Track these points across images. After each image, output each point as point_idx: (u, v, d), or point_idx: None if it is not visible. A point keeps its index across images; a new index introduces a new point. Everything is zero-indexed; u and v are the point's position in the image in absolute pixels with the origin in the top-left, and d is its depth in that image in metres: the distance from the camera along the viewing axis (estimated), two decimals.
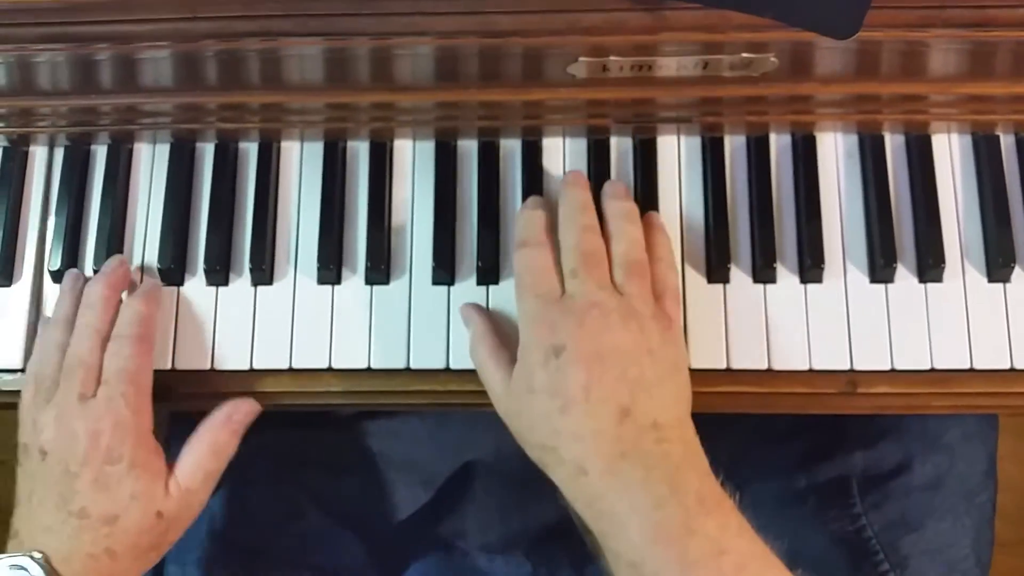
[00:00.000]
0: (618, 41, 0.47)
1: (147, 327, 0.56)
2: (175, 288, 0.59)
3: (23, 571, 0.50)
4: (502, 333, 0.56)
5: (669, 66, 0.51)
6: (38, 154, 0.62)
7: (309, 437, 0.72)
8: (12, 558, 0.51)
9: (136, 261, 0.60)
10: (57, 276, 0.60)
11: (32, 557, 0.51)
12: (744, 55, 0.49)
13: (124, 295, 0.58)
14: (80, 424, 0.53)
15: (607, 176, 0.59)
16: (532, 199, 0.58)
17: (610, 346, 0.50)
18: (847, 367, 0.56)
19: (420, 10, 0.45)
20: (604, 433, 0.49)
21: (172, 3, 0.44)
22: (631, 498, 0.48)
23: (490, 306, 0.58)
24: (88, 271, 0.60)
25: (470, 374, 0.58)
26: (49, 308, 0.60)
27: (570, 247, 0.53)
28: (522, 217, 0.56)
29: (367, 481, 0.73)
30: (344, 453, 0.73)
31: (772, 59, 0.50)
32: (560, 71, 0.52)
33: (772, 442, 0.68)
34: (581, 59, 0.49)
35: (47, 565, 0.51)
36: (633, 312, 0.51)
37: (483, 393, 0.58)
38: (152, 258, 0.60)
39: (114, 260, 0.58)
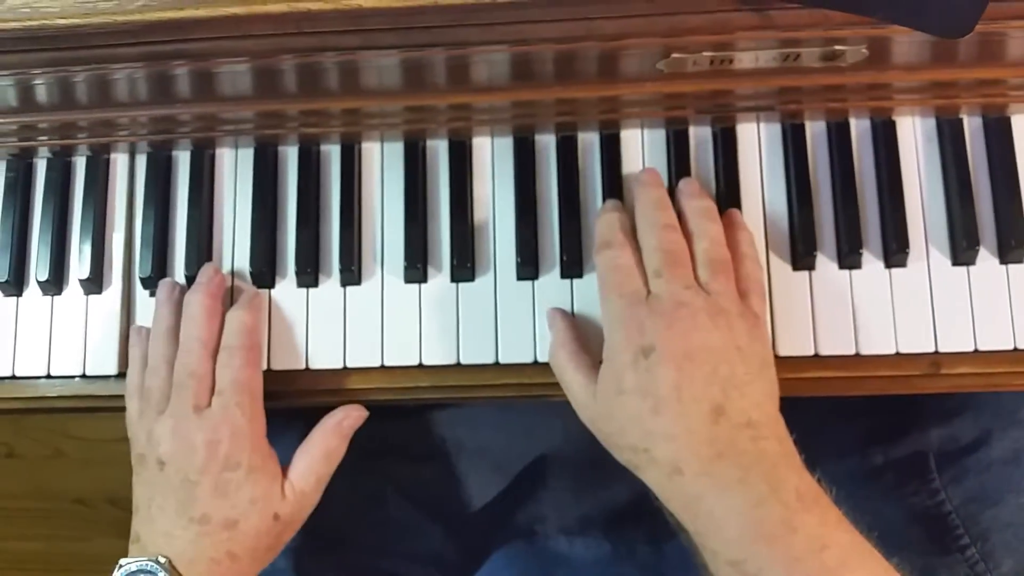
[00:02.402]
0: (718, 39, 0.47)
1: (254, 336, 0.57)
2: (266, 291, 0.60)
3: (150, 575, 0.52)
4: (584, 336, 0.57)
5: (758, 58, 0.51)
6: (119, 162, 0.63)
7: (386, 427, 0.73)
8: (139, 562, 0.53)
9: (225, 265, 0.61)
10: (147, 283, 0.61)
11: (158, 562, 0.53)
12: (837, 47, 0.50)
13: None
14: (198, 435, 0.54)
15: (687, 166, 0.60)
16: (609, 202, 0.58)
17: (700, 345, 0.50)
18: (931, 349, 0.57)
19: (526, 18, 0.45)
20: (698, 433, 0.49)
21: (278, 19, 0.44)
22: (729, 498, 0.48)
23: (575, 299, 0.59)
24: (179, 277, 0.61)
25: None
26: (139, 315, 0.61)
27: (652, 247, 0.54)
28: (601, 220, 0.57)
29: (443, 468, 0.74)
30: (419, 442, 0.75)
31: (863, 50, 0.50)
32: (649, 67, 0.52)
33: (847, 419, 0.69)
34: (674, 55, 0.50)
35: (173, 569, 0.52)
36: (720, 310, 0.51)
37: None
38: (240, 261, 0.61)
39: (208, 269, 0.59)
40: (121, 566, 0.53)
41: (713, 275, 0.53)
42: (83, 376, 0.61)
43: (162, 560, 0.53)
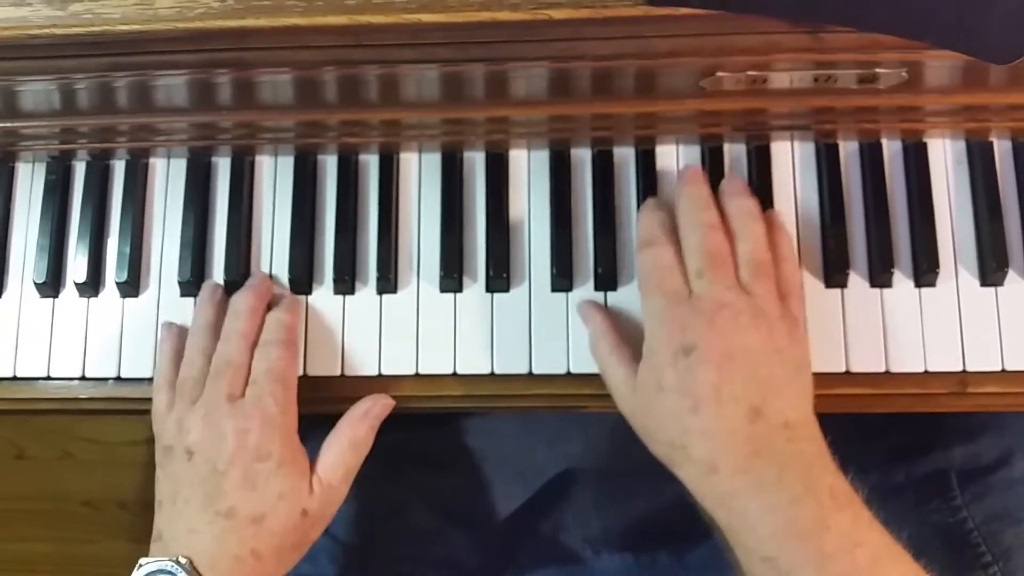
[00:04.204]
0: (766, 59, 0.48)
1: (291, 333, 0.58)
2: (303, 297, 0.61)
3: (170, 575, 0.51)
4: (621, 330, 0.57)
5: (798, 79, 0.52)
6: (158, 166, 0.63)
7: (410, 436, 0.74)
8: (159, 562, 0.52)
9: (264, 271, 0.61)
10: (185, 287, 0.61)
11: (178, 562, 0.52)
12: (876, 70, 0.51)
13: None
14: (229, 423, 0.54)
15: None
16: (651, 200, 0.59)
17: (740, 346, 0.51)
18: (959, 368, 0.58)
19: (582, 35, 0.46)
20: (736, 432, 0.50)
21: (339, 31, 0.45)
22: (765, 496, 0.49)
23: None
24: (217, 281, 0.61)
25: (589, 378, 0.59)
26: (175, 320, 0.61)
27: (695, 247, 0.54)
28: (643, 218, 0.57)
29: (466, 477, 0.75)
30: (442, 450, 0.75)
31: (903, 73, 0.51)
32: (691, 85, 0.53)
33: (868, 436, 0.70)
34: (719, 73, 0.51)
35: (194, 570, 0.52)
36: (762, 313, 0.52)
37: (600, 396, 0.60)
38: (279, 268, 0.61)
39: (259, 275, 0.60)
40: (141, 566, 0.52)
41: (755, 277, 0.53)
42: (117, 379, 0.61)
43: (183, 560, 0.51)
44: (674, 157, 0.61)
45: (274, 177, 0.62)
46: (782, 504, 0.49)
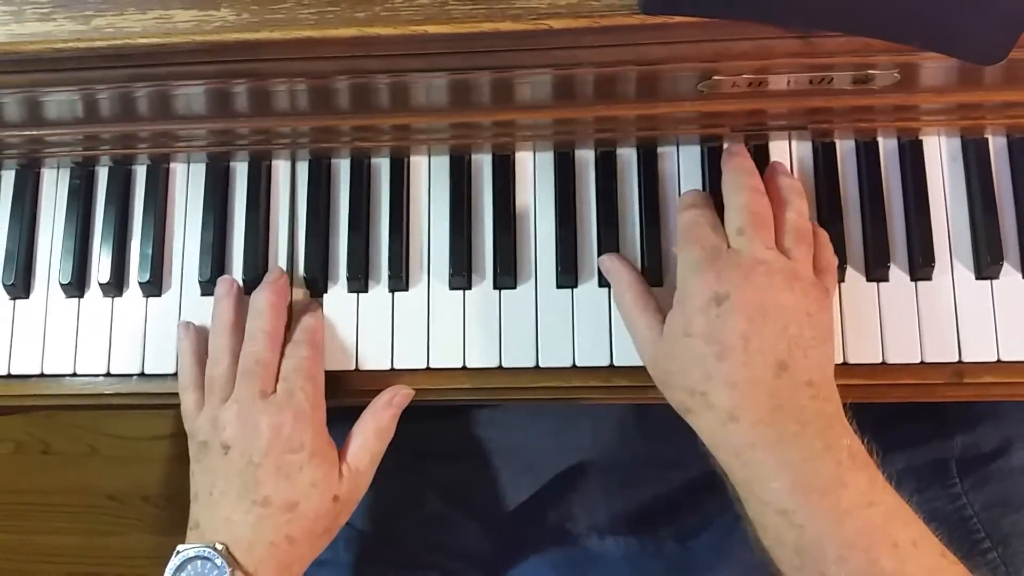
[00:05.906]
0: (759, 64, 0.50)
1: (317, 335, 0.60)
2: (319, 295, 0.63)
3: (207, 561, 0.54)
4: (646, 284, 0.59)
5: (794, 81, 0.54)
6: (178, 171, 0.66)
7: (423, 428, 0.76)
8: (196, 548, 0.54)
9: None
10: (205, 286, 0.64)
11: (215, 548, 0.54)
12: (870, 71, 0.52)
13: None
14: (263, 418, 0.56)
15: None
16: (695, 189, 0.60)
17: (773, 303, 0.52)
18: (955, 359, 0.60)
19: (580, 44, 0.47)
20: (760, 384, 0.51)
21: (349, 42, 0.47)
22: (784, 449, 0.50)
23: (613, 307, 0.61)
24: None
25: (594, 371, 0.61)
26: (196, 318, 0.64)
27: (738, 206, 0.55)
28: (687, 192, 0.59)
29: (477, 468, 0.77)
30: (454, 443, 0.77)
31: (895, 74, 0.53)
32: (689, 88, 0.55)
33: (868, 425, 0.71)
34: (715, 77, 0.52)
35: (229, 555, 0.54)
36: (797, 275, 0.53)
37: (605, 388, 0.62)
38: (294, 267, 0.63)
39: (276, 271, 0.62)
40: (179, 552, 0.55)
41: (796, 243, 0.55)
42: (141, 375, 0.64)
43: (219, 547, 0.54)
44: (675, 157, 0.63)
45: (290, 180, 0.65)
46: (800, 459, 0.50)
